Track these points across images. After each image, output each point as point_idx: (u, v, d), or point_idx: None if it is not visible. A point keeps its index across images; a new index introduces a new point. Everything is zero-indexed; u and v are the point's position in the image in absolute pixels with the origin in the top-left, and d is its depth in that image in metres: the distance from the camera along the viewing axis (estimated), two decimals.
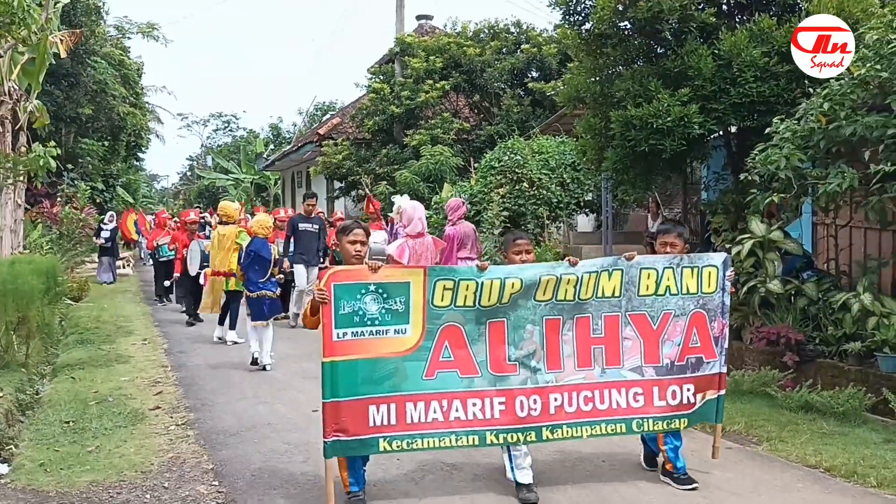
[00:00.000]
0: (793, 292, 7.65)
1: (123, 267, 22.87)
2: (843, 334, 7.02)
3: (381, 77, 21.33)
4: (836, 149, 6.77)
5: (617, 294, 4.71)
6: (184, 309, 13.62)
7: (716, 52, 8.46)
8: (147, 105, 30.88)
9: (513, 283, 4.52)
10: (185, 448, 5.97)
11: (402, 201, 9.28)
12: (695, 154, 9.22)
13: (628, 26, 9.09)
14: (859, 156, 6.59)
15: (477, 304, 4.50)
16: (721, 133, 9.32)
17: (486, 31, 21.02)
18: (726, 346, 4.89)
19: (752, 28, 8.47)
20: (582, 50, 9.56)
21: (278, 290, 9.60)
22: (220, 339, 11.00)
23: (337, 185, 21.80)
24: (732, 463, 5.36)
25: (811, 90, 7.06)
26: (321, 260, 12.43)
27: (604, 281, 4.65)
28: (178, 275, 13.02)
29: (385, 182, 18.22)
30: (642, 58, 9.49)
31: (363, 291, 4.36)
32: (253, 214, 15.08)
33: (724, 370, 4.89)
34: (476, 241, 9.64)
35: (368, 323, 4.37)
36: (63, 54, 15.35)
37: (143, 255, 26.67)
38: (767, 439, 5.83)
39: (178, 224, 15.37)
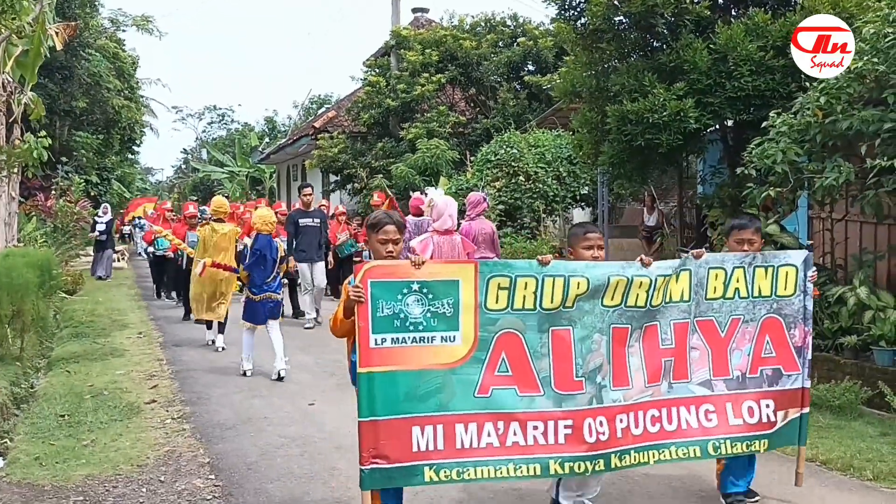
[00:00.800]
0: None
1: (118, 260, 22.76)
2: (839, 328, 7.03)
3: (377, 70, 21.29)
4: (833, 143, 6.76)
5: (686, 298, 4.12)
6: (180, 303, 13.38)
7: (711, 46, 8.48)
8: (142, 98, 30.78)
9: (578, 283, 3.86)
10: (181, 442, 5.97)
11: (434, 194, 8.87)
12: (690, 148, 9.24)
13: (623, 21, 9.09)
14: (855, 150, 6.59)
15: (538, 306, 3.84)
16: (717, 127, 9.33)
17: (483, 25, 20.99)
18: (810, 356, 4.36)
19: (747, 22, 8.49)
20: (577, 45, 9.56)
21: (282, 292, 9.10)
22: (212, 343, 10.29)
23: (332, 178, 21.77)
24: None
25: (807, 84, 7.05)
26: (325, 256, 12.00)
27: (672, 284, 4.06)
28: (172, 253, 13.36)
29: (381, 175, 18.19)
30: (638, 52, 9.50)
31: (405, 291, 3.70)
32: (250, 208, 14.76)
33: (808, 385, 4.36)
34: (496, 242, 8.89)
35: (411, 328, 3.70)
36: (59, 47, 15.28)
37: (139, 250, 26.30)
38: None
39: (180, 218, 14.98)
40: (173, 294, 15.04)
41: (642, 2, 8.50)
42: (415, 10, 25.83)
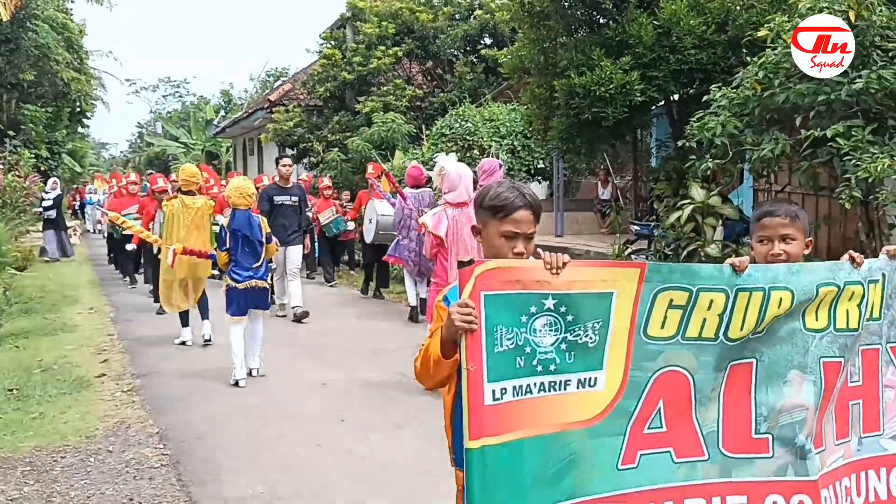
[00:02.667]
0: (731, 256, 7.89)
1: (71, 237, 22.34)
2: None
3: (333, 43, 21.11)
4: (771, 116, 6.94)
5: (876, 315, 2.76)
6: (151, 291, 11.27)
7: (655, 20, 8.61)
8: (93, 70, 30.14)
9: (780, 299, 2.52)
10: (131, 413, 6.02)
11: (445, 162, 7.30)
12: (637, 122, 9.40)
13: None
14: (792, 122, 6.80)
15: (721, 334, 2.49)
16: (664, 102, 9.50)
17: None
18: None
19: None
20: (525, 22, 9.64)
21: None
22: (185, 343, 8.61)
23: (289, 152, 21.63)
24: None
25: (748, 59, 7.23)
26: (301, 238, 10.56)
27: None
28: (134, 247, 11.93)
29: (336, 149, 18.13)
30: (585, 27, 9.60)
31: (534, 310, 2.32)
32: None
33: None
34: None
35: (540, 369, 2.33)
36: (5, 18, 14.93)
37: (94, 227, 25.47)
38: None
39: (147, 193, 12.87)
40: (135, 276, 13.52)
41: None
42: None
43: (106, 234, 17.57)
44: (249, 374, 7.03)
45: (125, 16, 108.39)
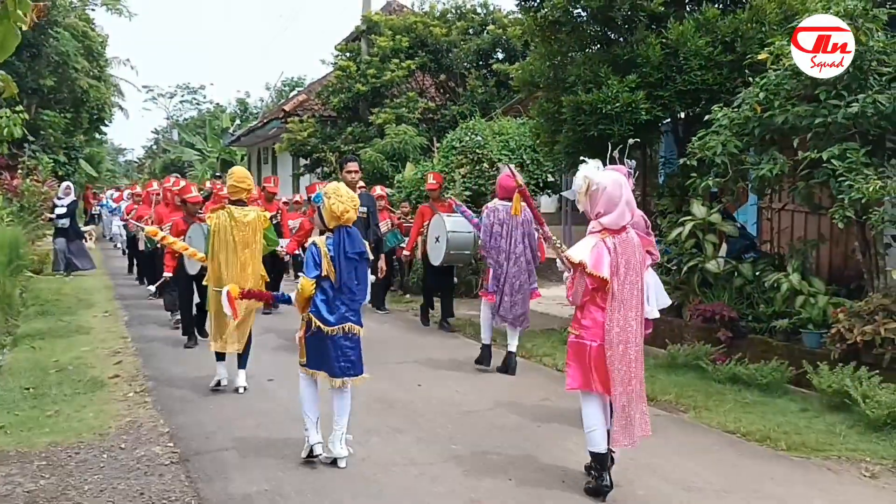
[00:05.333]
0: (731, 272, 8.05)
1: (85, 241, 22.49)
2: (773, 312, 7.43)
3: (348, 55, 21.40)
4: (770, 136, 7.14)
5: None
6: (176, 320, 9.80)
7: (664, 40, 8.80)
8: (111, 77, 30.59)
9: None
10: (143, 413, 6.22)
11: (596, 174, 4.71)
12: (642, 139, 9.57)
13: (582, 14, 9.38)
14: (791, 143, 6.97)
15: None
16: (670, 119, 9.68)
17: (453, 12, 21.16)
18: None
19: (698, 18, 8.82)
20: (537, 36, 9.85)
21: None
22: (219, 385, 7.02)
23: (302, 162, 21.91)
24: (660, 429, 5.70)
25: (751, 79, 7.41)
26: (375, 259, 8.72)
27: None
28: (170, 275, 9.11)
29: None
30: (596, 43, 9.80)
31: None
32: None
33: None
34: None
35: None
36: (25, 27, 15.25)
37: (109, 234, 24.12)
38: (694, 408, 6.24)
39: (166, 201, 11.16)
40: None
41: None
42: None
43: (125, 246, 17.21)
44: (334, 462, 5.05)
45: (143, 23, 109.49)
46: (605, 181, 4.58)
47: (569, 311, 11.16)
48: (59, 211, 15.76)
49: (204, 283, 7.12)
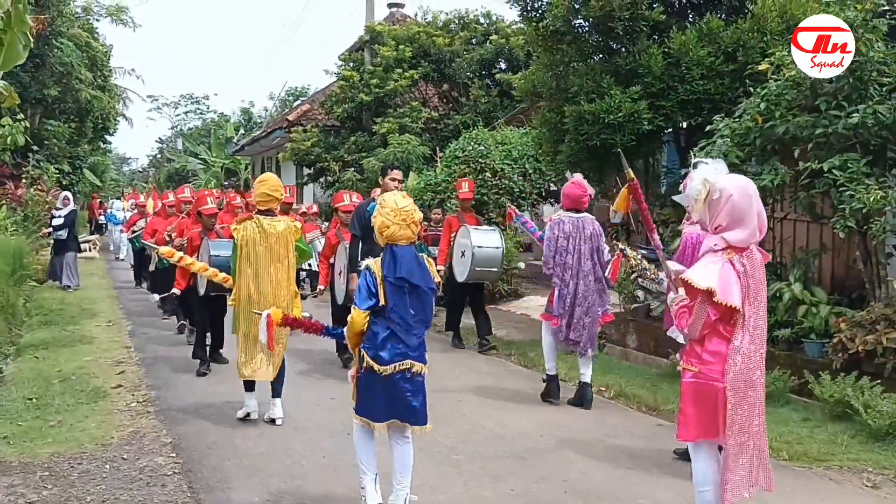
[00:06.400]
0: None
1: (89, 250, 22.54)
2: (775, 321, 7.40)
3: (351, 64, 21.50)
4: (772, 146, 7.15)
5: None
6: (192, 343, 8.68)
7: (666, 50, 8.84)
8: (116, 87, 30.71)
9: None
10: (145, 423, 6.23)
11: (719, 178, 3.89)
12: (645, 149, 9.60)
13: (583, 24, 9.43)
14: (791, 153, 6.98)
15: None
16: (672, 129, 9.71)
17: (456, 22, 21.25)
18: None
19: (700, 28, 8.86)
20: (539, 45, 9.90)
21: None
22: (247, 417, 6.37)
23: (306, 171, 21.98)
24: (662, 439, 5.74)
25: (752, 89, 7.44)
26: None
27: None
28: (179, 291, 8.51)
29: (352, 169, 18.44)
30: (598, 53, 9.85)
31: None
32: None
33: None
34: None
35: None
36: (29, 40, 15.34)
37: (119, 252, 22.49)
38: None
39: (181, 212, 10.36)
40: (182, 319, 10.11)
41: (600, 7, 8.85)
42: (390, 6, 26.04)
43: (131, 260, 16.65)
44: None
45: (148, 33, 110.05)
46: (730, 188, 3.72)
47: None
48: (56, 223, 14.93)
49: (230, 303, 6.42)
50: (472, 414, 6.60)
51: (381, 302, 4.13)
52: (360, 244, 7.24)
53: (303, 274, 8.87)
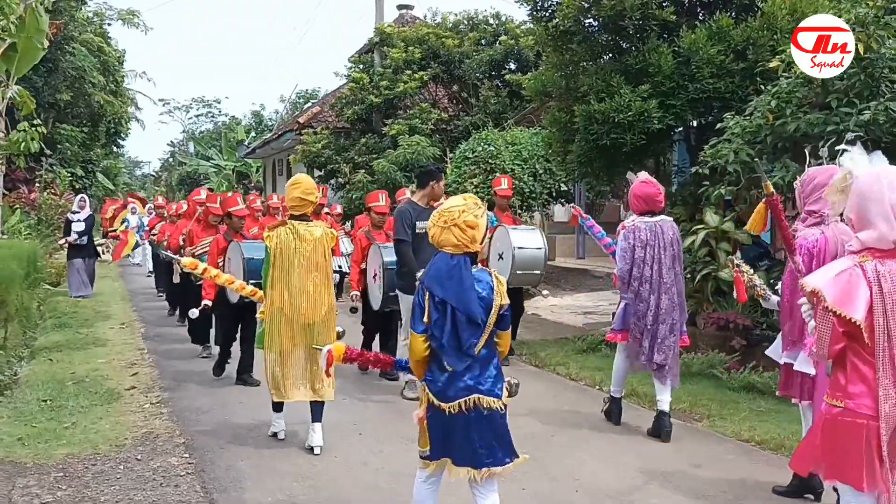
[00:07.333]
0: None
1: (103, 253, 22.43)
2: None
3: (361, 66, 21.53)
4: (782, 144, 7.12)
5: None
6: (206, 348, 8.96)
7: (676, 49, 8.81)
8: (128, 91, 30.91)
9: None
10: (159, 424, 6.27)
11: (859, 165, 3.17)
12: (655, 148, 9.57)
13: (593, 23, 9.41)
14: (802, 151, 6.94)
15: None
16: (682, 128, 9.68)
17: (466, 23, 21.25)
18: None
19: (710, 26, 8.83)
20: (548, 45, 9.88)
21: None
22: (276, 435, 5.91)
23: (316, 173, 22.03)
24: (674, 438, 5.72)
25: (762, 87, 7.41)
26: None
27: None
28: (210, 303, 7.49)
29: (363, 171, 18.47)
30: (608, 53, 9.83)
31: None
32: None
33: None
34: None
35: None
36: (45, 44, 15.51)
37: (135, 256, 21.69)
38: (709, 416, 6.23)
39: (195, 216, 9.47)
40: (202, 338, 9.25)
41: (611, 6, 8.83)
42: (400, 7, 26.08)
43: (150, 266, 16.53)
44: None
45: (159, 37, 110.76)
46: (858, 174, 3.09)
47: (584, 318, 11.17)
48: (77, 227, 14.08)
49: (258, 315, 5.80)
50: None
51: (425, 320, 3.49)
52: (410, 249, 6.63)
53: (336, 277, 7.22)
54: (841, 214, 3.34)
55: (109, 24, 27.88)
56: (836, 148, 3.62)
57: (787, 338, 4.59)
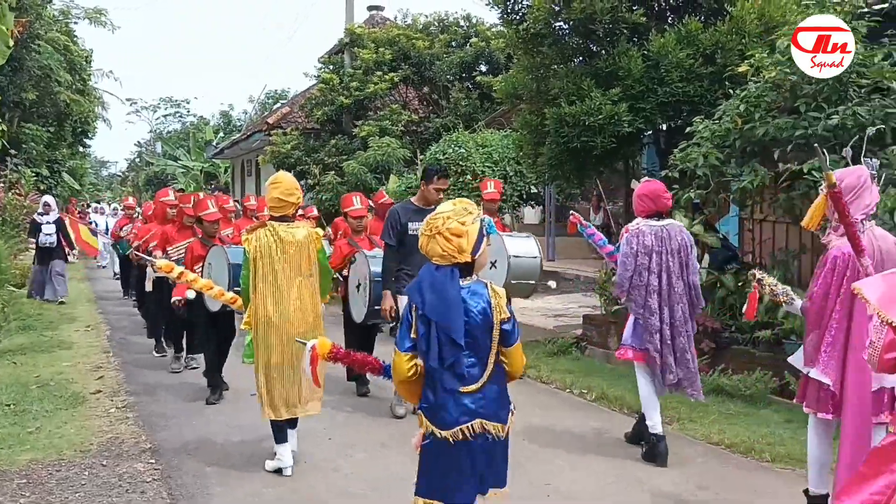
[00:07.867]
0: (714, 283, 8.09)
1: (71, 257, 21.99)
2: (755, 322, 7.45)
3: (331, 67, 21.43)
4: (751, 148, 7.18)
5: None
6: (176, 371, 8.43)
7: (645, 53, 8.87)
8: (95, 90, 30.45)
9: None
10: (125, 429, 6.16)
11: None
12: (624, 151, 9.63)
13: (564, 26, 9.44)
14: (771, 155, 7.02)
15: None
16: (652, 131, 9.75)
17: (436, 24, 21.26)
18: None
19: (679, 30, 8.90)
20: (519, 48, 9.90)
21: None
22: (280, 470, 5.23)
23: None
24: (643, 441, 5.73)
25: (731, 91, 7.48)
26: None
27: None
28: (182, 298, 7.28)
29: (333, 172, 18.38)
30: (578, 56, 9.87)
31: None
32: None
33: None
34: None
35: None
36: (10, 43, 15.21)
37: (102, 257, 20.67)
38: (678, 419, 6.25)
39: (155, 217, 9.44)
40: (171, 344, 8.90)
41: (581, 9, 8.86)
42: (370, 9, 26.00)
43: (115, 267, 16.21)
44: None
45: (127, 36, 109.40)
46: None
47: (554, 321, 11.15)
48: (47, 230, 13.69)
49: (241, 326, 5.37)
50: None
51: (413, 335, 3.12)
52: (396, 256, 6.23)
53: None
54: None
55: (76, 23, 27.46)
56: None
57: (808, 348, 4.11)
